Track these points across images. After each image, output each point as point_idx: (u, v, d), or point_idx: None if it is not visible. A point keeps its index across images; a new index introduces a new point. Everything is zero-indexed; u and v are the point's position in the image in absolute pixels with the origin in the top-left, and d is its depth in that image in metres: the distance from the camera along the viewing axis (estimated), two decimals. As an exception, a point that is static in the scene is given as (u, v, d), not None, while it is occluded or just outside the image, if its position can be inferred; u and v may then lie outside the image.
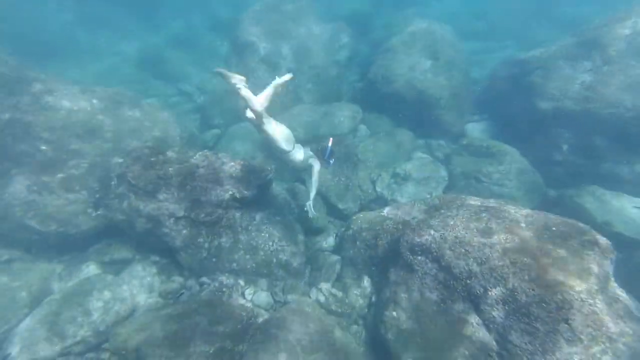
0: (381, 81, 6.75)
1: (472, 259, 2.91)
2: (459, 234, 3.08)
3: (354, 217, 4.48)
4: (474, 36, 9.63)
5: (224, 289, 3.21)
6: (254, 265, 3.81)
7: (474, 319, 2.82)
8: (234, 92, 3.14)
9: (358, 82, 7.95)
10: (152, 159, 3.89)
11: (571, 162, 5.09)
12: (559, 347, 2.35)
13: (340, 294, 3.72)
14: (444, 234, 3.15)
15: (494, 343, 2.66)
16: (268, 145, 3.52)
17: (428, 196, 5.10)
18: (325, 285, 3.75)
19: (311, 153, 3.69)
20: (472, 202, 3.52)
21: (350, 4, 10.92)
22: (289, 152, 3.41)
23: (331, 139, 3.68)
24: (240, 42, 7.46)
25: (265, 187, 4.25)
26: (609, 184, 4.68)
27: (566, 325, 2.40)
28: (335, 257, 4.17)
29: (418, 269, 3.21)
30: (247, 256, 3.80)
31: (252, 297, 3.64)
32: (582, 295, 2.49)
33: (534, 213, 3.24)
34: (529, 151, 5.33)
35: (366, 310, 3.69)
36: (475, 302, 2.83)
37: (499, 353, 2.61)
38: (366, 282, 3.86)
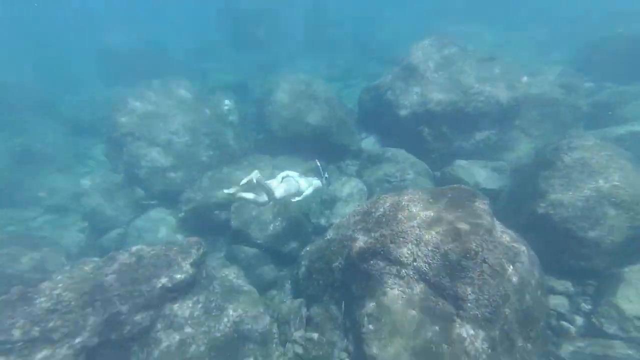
0: (279, 128, 7.42)
1: (410, 243, 3.35)
2: (393, 227, 3.53)
3: (302, 253, 4.49)
4: (333, 79, 12.03)
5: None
6: (213, 354, 3.22)
7: (431, 294, 3.18)
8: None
9: (259, 135, 8.49)
10: (28, 295, 2.95)
11: (437, 148, 6.70)
12: (488, 283, 2.92)
13: (315, 335, 3.53)
14: (382, 232, 3.55)
15: (452, 308, 3.03)
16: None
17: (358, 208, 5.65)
18: (298, 334, 3.50)
19: (312, 180, 4.52)
20: (391, 197, 4.12)
21: (222, 77, 12.23)
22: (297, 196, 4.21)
23: (317, 160, 4.65)
24: (118, 136, 6.89)
25: (200, 262, 3.81)
26: (464, 156, 6.39)
27: (486, 264, 3.03)
28: (298, 301, 3.99)
29: (374, 272, 3.44)
30: (202, 348, 3.20)
31: (223, 393, 3.02)
32: (486, 237, 3.22)
33: (434, 189, 4.08)
34: (410, 148, 6.72)
35: (345, 340, 3.60)
36: (426, 279, 3.22)
37: (457, 314, 2.97)
38: (335, 310, 3.81)
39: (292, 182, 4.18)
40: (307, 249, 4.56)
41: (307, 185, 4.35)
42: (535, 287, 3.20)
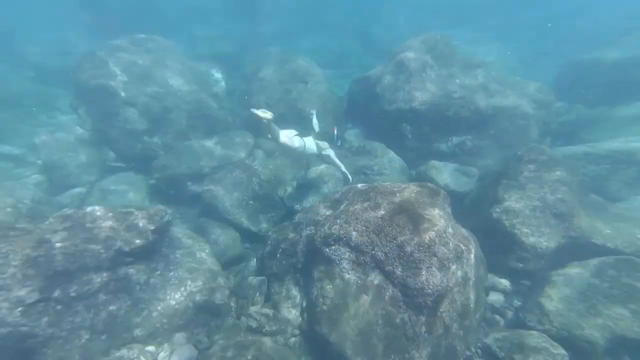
0: (265, 107, 7.27)
1: (371, 232, 3.51)
2: (358, 216, 3.66)
3: (270, 233, 4.58)
4: (328, 65, 11.86)
5: (126, 366, 2.63)
6: (165, 321, 3.29)
7: (383, 281, 3.39)
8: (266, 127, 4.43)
9: (243, 112, 8.30)
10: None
11: (416, 147, 6.90)
12: (434, 275, 3.14)
13: (271, 311, 3.68)
14: (347, 219, 3.68)
15: (399, 294, 3.24)
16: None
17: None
18: (254, 309, 3.63)
19: (325, 144, 4.91)
20: (361, 187, 4.25)
21: (213, 45, 11.65)
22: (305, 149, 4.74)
23: (335, 127, 4.91)
24: (88, 89, 6.39)
25: (163, 230, 3.80)
26: (440, 157, 6.63)
27: (436, 257, 3.25)
28: (259, 278, 4.10)
29: (334, 257, 3.59)
30: (155, 313, 3.25)
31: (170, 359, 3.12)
32: (440, 232, 3.43)
33: (401, 184, 4.21)
34: (391, 143, 6.87)
35: (300, 318, 3.76)
36: (381, 267, 3.41)
37: (404, 300, 3.19)
38: (294, 290, 3.96)
39: (298, 138, 4.78)
40: (276, 228, 4.65)
41: (314, 145, 4.87)
42: (476, 283, 3.50)
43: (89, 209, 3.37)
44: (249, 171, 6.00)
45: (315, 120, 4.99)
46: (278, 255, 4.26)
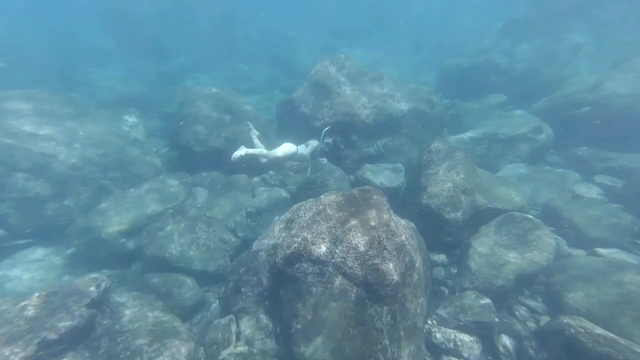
0: (194, 143, 7.04)
1: (328, 242, 3.77)
2: (313, 229, 3.88)
3: (229, 269, 4.43)
4: (251, 92, 12.12)
5: None
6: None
7: (348, 284, 3.66)
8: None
9: (171, 152, 7.82)
10: None
11: (349, 155, 7.60)
12: (388, 266, 3.56)
13: (245, 348, 3.57)
14: (304, 235, 3.86)
15: (364, 292, 3.52)
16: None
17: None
18: (226, 352, 3.46)
19: (314, 142, 6.20)
20: (310, 202, 4.49)
21: (117, 88, 10.77)
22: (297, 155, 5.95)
23: (329, 127, 5.97)
24: None
25: (102, 301, 3.33)
26: (371, 160, 7.46)
27: (386, 250, 3.70)
28: (226, 319, 3.92)
29: (299, 275, 3.72)
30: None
31: None
32: (385, 228, 3.90)
33: (345, 191, 4.62)
34: (328, 155, 7.38)
35: (277, 345, 3.72)
36: (343, 272, 3.68)
37: (368, 297, 3.48)
38: (265, 319, 3.91)
39: (290, 146, 5.70)
40: (234, 263, 4.52)
41: (305, 147, 5.80)
42: (422, 263, 4.10)
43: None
44: (192, 211, 5.68)
45: (323, 134, 6.16)
46: (242, 289, 4.16)
